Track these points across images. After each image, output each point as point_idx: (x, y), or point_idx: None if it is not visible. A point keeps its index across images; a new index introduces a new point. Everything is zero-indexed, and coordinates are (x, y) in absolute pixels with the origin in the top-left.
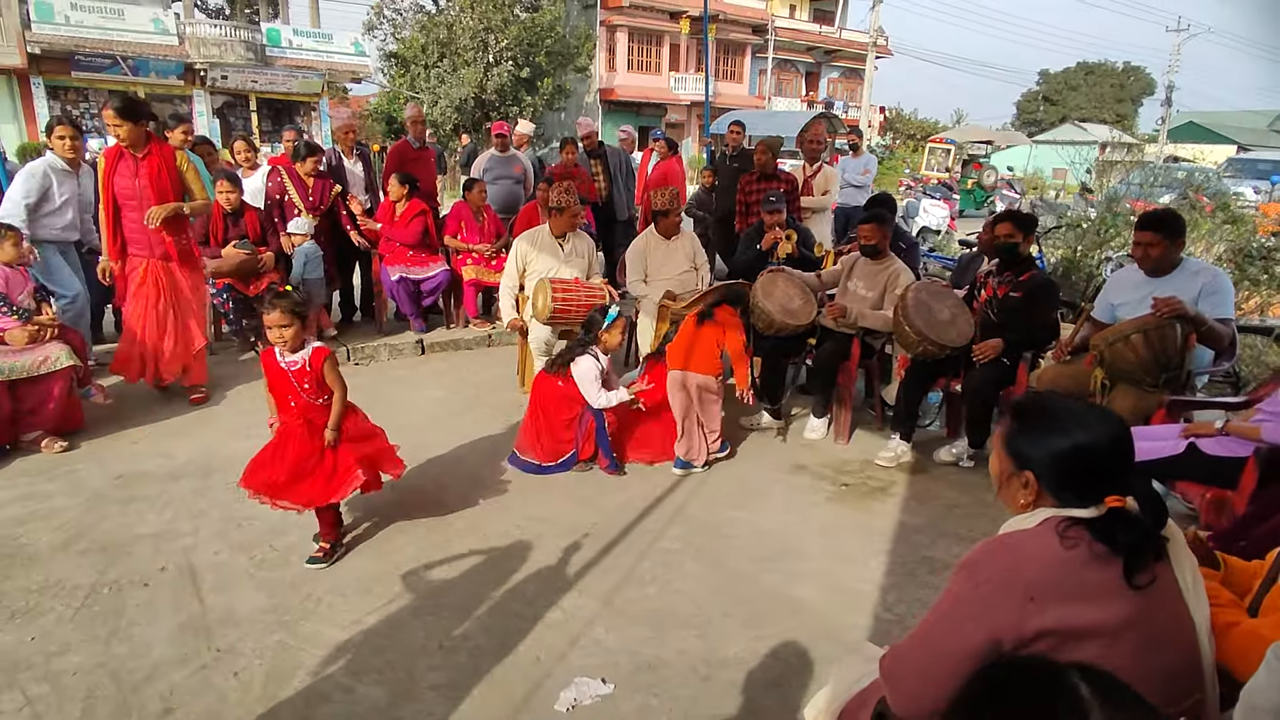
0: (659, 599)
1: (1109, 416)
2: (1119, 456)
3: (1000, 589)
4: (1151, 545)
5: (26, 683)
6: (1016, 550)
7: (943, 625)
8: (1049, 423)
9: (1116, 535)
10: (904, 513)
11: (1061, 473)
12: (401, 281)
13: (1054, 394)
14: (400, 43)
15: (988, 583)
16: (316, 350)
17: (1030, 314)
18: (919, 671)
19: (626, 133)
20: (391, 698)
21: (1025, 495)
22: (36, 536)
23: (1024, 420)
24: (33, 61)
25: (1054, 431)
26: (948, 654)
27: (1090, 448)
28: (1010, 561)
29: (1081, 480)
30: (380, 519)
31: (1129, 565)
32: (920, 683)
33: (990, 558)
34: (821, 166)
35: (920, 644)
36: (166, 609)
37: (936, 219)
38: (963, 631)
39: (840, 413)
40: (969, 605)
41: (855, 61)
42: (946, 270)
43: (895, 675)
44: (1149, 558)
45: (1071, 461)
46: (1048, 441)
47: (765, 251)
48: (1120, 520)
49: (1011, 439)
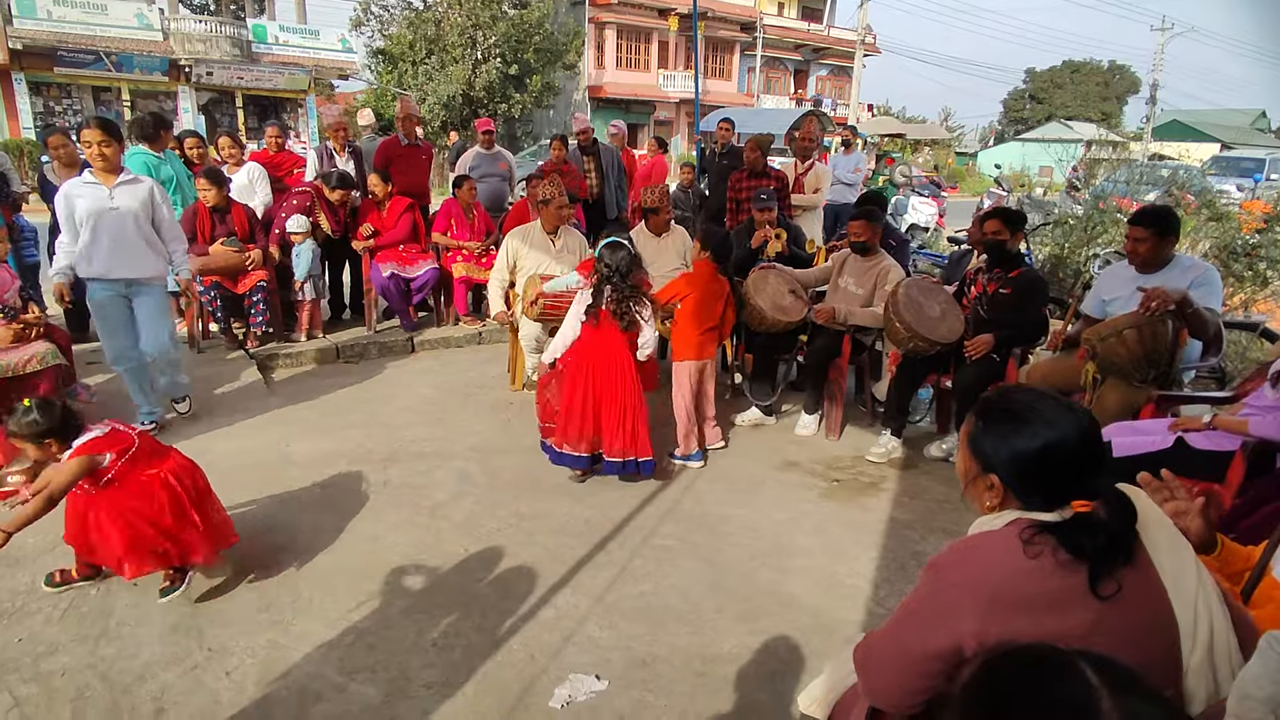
0: (653, 595)
1: (1078, 416)
2: (1087, 459)
3: (964, 594)
4: (1118, 552)
5: (14, 684)
6: (981, 556)
7: (908, 624)
8: (1014, 424)
9: (1082, 542)
10: (895, 508)
11: (1026, 476)
12: (392, 279)
13: (1022, 390)
14: (388, 39)
15: (952, 587)
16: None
17: (1020, 310)
18: (886, 667)
19: (618, 128)
20: (385, 696)
21: (991, 497)
22: (22, 538)
23: (989, 420)
24: (14, 57)
25: (1019, 433)
26: (912, 653)
27: (1056, 451)
28: (975, 568)
29: (1047, 484)
30: (370, 516)
31: (1094, 574)
32: (887, 678)
33: (956, 561)
34: (813, 164)
35: (888, 640)
36: (156, 609)
37: (925, 216)
38: (927, 633)
39: (831, 409)
40: (933, 607)
41: (843, 59)
42: (936, 267)
43: (866, 667)
44: (1115, 565)
45: (1036, 465)
46: (1012, 444)
47: (756, 249)
48: (1086, 527)
49: (976, 439)
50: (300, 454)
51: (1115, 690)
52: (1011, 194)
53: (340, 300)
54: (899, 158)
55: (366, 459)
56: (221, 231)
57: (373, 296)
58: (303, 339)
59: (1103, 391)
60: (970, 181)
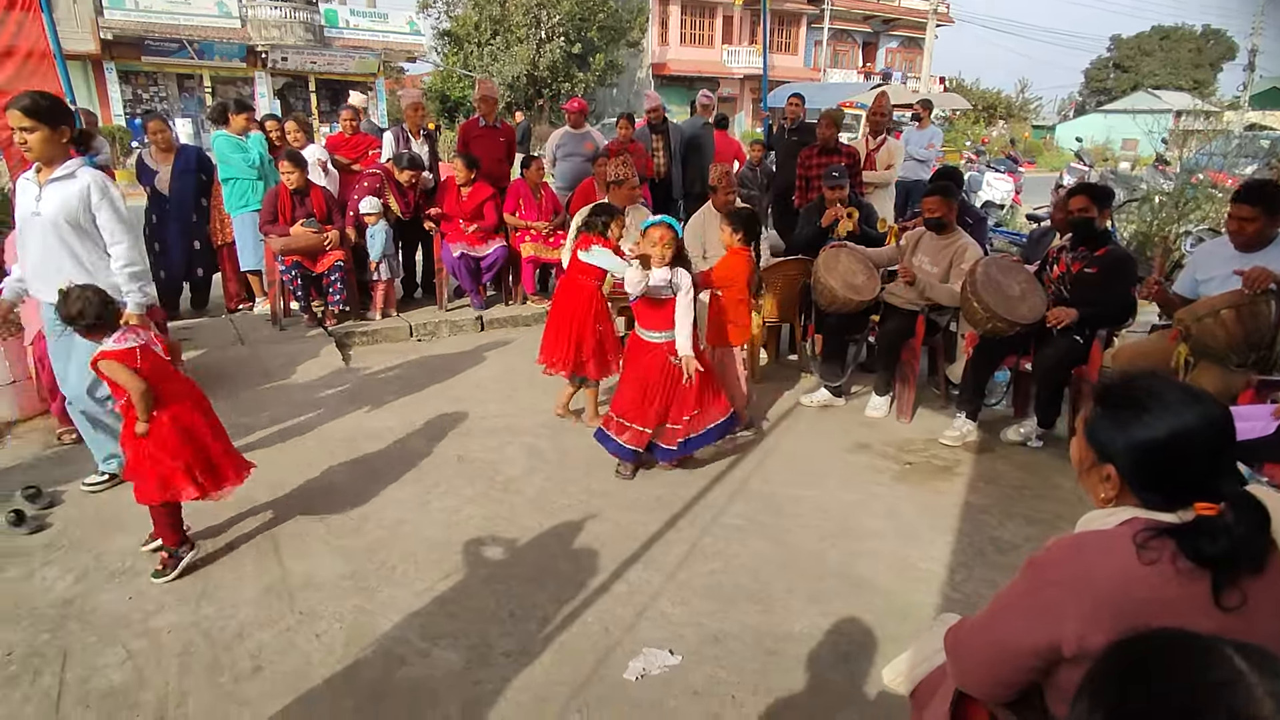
0: (723, 573)
1: (1208, 407)
2: (1214, 455)
3: (1066, 594)
4: (1246, 561)
5: (127, 638)
6: (1090, 556)
7: (1005, 619)
8: (1137, 413)
9: (1204, 549)
10: (970, 493)
11: (1145, 470)
12: (461, 259)
13: (1147, 375)
14: (454, 20)
15: (1054, 585)
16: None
17: (1107, 290)
18: (977, 656)
19: (709, 98)
20: (466, 662)
21: (1106, 489)
22: (130, 502)
23: (1109, 407)
24: (105, 47)
25: (1140, 422)
26: (1006, 647)
27: (1180, 444)
28: (1081, 568)
29: (1168, 480)
30: (447, 489)
31: (1217, 583)
32: (978, 667)
33: (1061, 560)
34: (885, 139)
35: (982, 631)
36: (251, 573)
37: (1001, 193)
38: (1024, 630)
39: (904, 391)
40: (1033, 606)
41: (914, 30)
42: (1014, 246)
43: (957, 653)
44: (1241, 575)
45: (1157, 459)
46: (1131, 433)
47: (825, 228)
48: (1209, 532)
49: (1094, 427)
50: (378, 428)
51: (1263, 673)
52: (1094, 168)
53: (413, 279)
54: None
55: (440, 434)
56: (301, 213)
57: (444, 276)
58: (377, 317)
59: (1196, 375)
60: (1048, 156)
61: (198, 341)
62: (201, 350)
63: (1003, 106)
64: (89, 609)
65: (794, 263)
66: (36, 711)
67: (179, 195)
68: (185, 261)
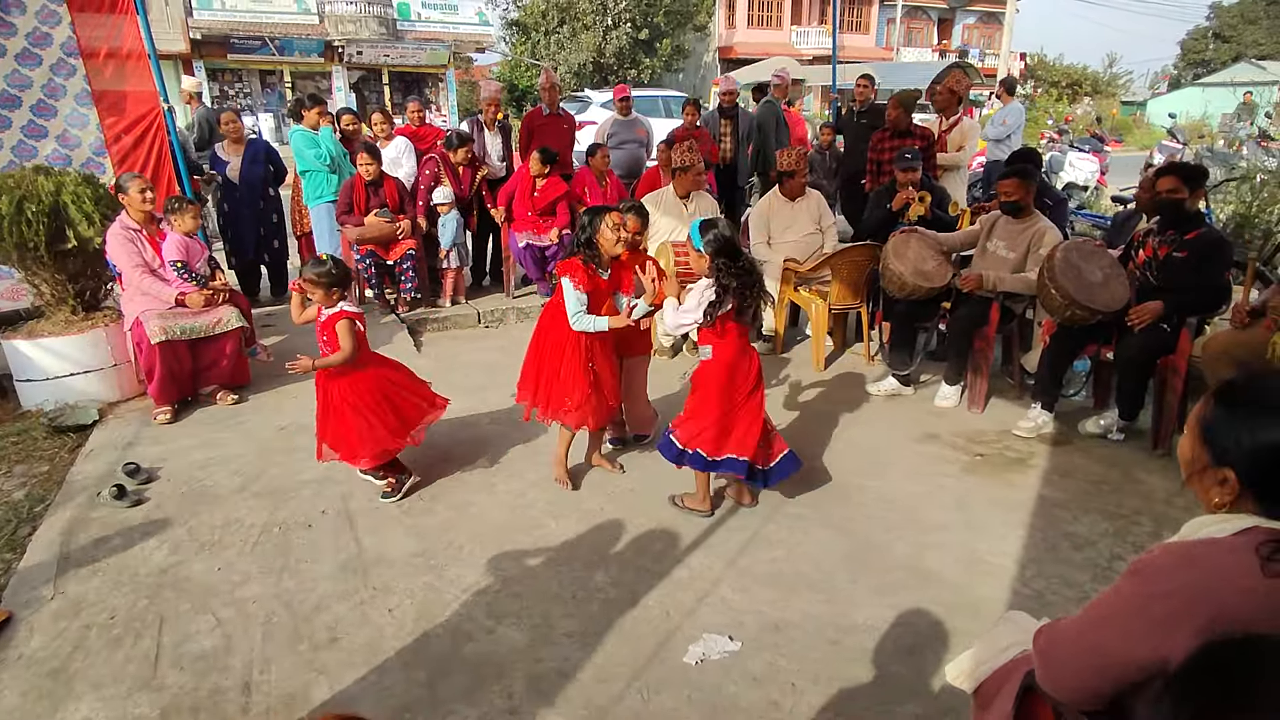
0: (785, 562)
1: None
2: None
3: (1181, 607)
4: None
5: (217, 606)
6: (1205, 567)
7: (1107, 628)
8: (1265, 413)
9: None
10: (1045, 486)
11: (1271, 477)
12: (527, 247)
13: (1278, 376)
14: (522, 10)
15: (1166, 598)
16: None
17: (1198, 275)
18: (1072, 663)
19: (781, 78)
20: (530, 641)
21: (1222, 494)
22: (218, 479)
23: (1232, 405)
24: (194, 46)
25: (1270, 425)
26: (1108, 657)
27: None
28: (1197, 579)
29: None
30: (513, 472)
31: None
32: (1072, 674)
33: (1171, 568)
34: (959, 119)
35: (1081, 637)
36: (328, 549)
37: (1084, 174)
38: (1129, 641)
39: (975, 380)
40: (1139, 617)
41: (993, 4)
42: (1096, 229)
43: (1049, 657)
44: None
45: None
46: (1259, 437)
47: (895, 212)
48: None
49: (1213, 427)
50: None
51: None
52: (1188, 146)
53: (481, 267)
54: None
55: (506, 419)
56: (375, 203)
57: (511, 264)
58: (447, 304)
59: None
60: (1138, 134)
61: (278, 327)
62: (282, 336)
63: (1089, 83)
64: (182, 578)
65: (861, 248)
66: (138, 671)
67: (248, 184)
68: (255, 246)
